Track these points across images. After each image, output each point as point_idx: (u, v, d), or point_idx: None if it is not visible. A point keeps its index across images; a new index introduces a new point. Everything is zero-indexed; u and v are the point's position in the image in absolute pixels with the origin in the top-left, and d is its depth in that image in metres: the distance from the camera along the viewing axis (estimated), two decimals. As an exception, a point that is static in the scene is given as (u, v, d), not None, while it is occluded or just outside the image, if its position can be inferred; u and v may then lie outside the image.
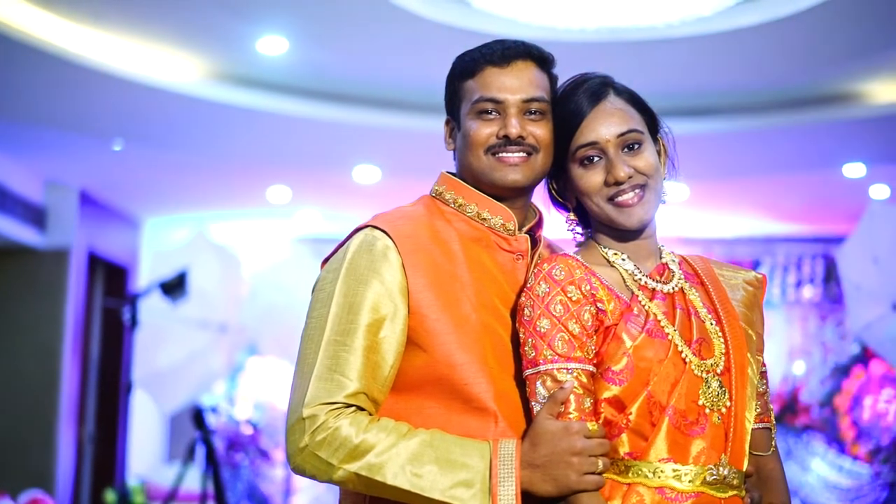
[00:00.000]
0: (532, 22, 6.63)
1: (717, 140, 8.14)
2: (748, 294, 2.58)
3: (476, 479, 2.27)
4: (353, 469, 2.29)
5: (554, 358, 2.32)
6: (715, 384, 2.37)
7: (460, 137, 2.57)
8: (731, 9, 6.49)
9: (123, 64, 6.90)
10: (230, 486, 10.14)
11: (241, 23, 6.48)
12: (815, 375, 11.56)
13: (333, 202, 10.09)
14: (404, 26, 6.47)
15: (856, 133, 7.98)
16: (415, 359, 2.40)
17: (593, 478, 2.27)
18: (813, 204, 10.21)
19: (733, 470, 2.36)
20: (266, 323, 7.62)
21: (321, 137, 8.22)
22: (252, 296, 7.75)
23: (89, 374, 9.98)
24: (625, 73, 2.75)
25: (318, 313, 2.44)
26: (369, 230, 2.47)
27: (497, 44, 2.56)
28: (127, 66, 6.92)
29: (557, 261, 2.40)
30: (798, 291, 11.77)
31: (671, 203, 7.76)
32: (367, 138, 8.15)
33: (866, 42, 6.78)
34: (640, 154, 2.45)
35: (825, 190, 9.61)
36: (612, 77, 2.54)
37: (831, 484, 10.73)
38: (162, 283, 6.83)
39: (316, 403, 2.33)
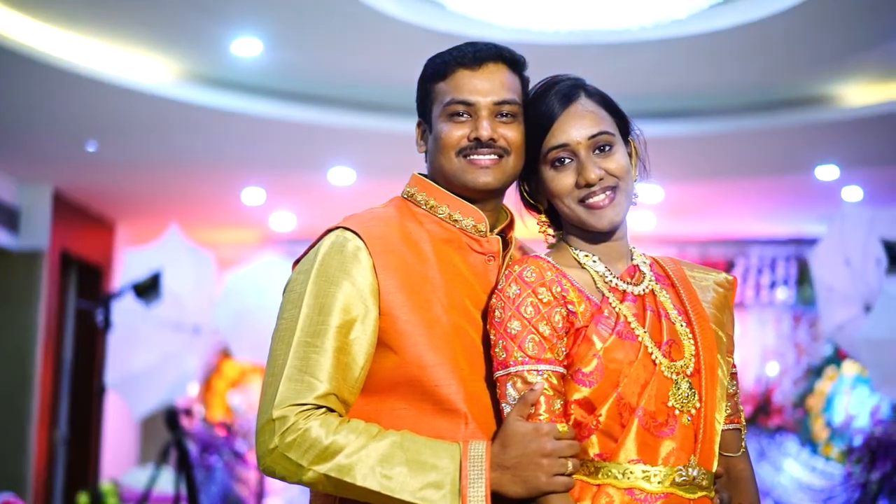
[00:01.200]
0: (506, 24, 6.64)
1: (691, 142, 8.16)
2: (719, 295, 2.59)
3: (446, 480, 2.27)
4: (323, 470, 2.29)
5: (524, 359, 2.33)
6: (685, 386, 2.38)
7: (432, 139, 2.57)
8: (705, 12, 6.51)
9: (97, 65, 6.88)
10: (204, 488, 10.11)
11: (215, 24, 6.47)
12: (788, 377, 11.62)
13: (308, 204, 10.08)
14: (379, 28, 6.47)
15: (828, 136, 8.03)
16: (385, 360, 2.40)
17: (563, 479, 2.27)
18: (786, 206, 10.26)
19: (702, 471, 2.36)
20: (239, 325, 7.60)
21: (296, 139, 8.21)
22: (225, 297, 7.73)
23: (62, 377, 9.93)
24: (599, 76, 2.76)
25: (288, 314, 2.43)
26: (340, 231, 2.47)
27: (468, 46, 2.56)
28: (101, 67, 6.90)
29: (528, 262, 2.41)
30: (771, 293, 11.82)
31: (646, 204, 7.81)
32: (342, 140, 8.15)
33: (839, 45, 6.82)
34: (611, 156, 2.45)
35: (798, 192, 9.66)
36: (584, 79, 2.54)
37: (804, 484, 10.78)
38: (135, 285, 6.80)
39: (286, 405, 2.33)
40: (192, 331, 7.03)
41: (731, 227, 11.22)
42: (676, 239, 11.50)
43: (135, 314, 6.96)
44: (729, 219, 10.86)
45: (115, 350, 6.95)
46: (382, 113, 7.67)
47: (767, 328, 11.85)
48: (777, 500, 10.76)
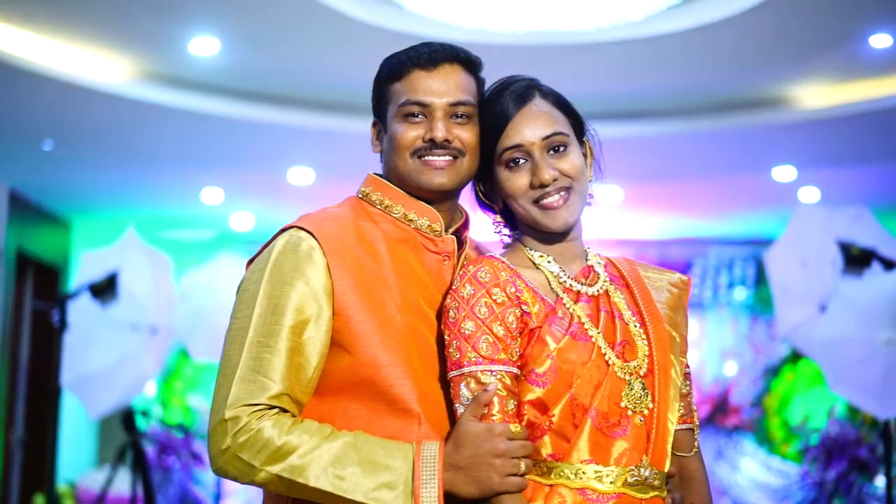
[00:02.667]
0: (463, 25, 6.65)
1: (650, 143, 8.20)
2: (673, 296, 2.60)
3: (399, 480, 2.27)
4: (276, 471, 2.28)
5: (478, 360, 2.33)
6: (638, 386, 2.39)
7: (387, 140, 2.57)
8: (662, 13, 6.54)
9: (54, 64, 6.83)
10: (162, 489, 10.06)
11: (173, 23, 6.44)
12: (745, 376, 11.68)
13: (267, 204, 10.05)
14: (337, 28, 6.46)
15: (785, 137, 8.08)
16: (339, 360, 2.40)
17: (515, 479, 2.28)
18: (744, 206, 10.32)
19: (654, 471, 2.37)
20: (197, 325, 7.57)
21: (254, 139, 8.18)
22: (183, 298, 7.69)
23: (18, 378, 9.85)
24: (556, 77, 2.77)
25: (241, 314, 2.42)
26: (294, 231, 2.46)
27: (424, 46, 2.56)
28: (57, 66, 6.85)
29: (483, 263, 2.41)
30: (729, 293, 11.88)
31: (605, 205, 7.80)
32: (301, 140, 8.13)
33: (795, 47, 6.87)
34: (566, 157, 2.46)
35: (756, 193, 9.71)
36: (539, 80, 2.55)
37: (761, 483, 10.85)
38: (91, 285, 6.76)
39: (238, 405, 2.32)
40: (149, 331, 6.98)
41: (690, 227, 11.27)
42: (636, 239, 11.54)
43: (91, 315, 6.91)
44: (687, 219, 10.91)
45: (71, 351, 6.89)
46: (340, 113, 7.67)
47: (725, 328, 11.91)
48: (734, 499, 10.82)
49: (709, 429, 11.18)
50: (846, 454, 9.37)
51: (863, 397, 6.18)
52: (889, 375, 5.96)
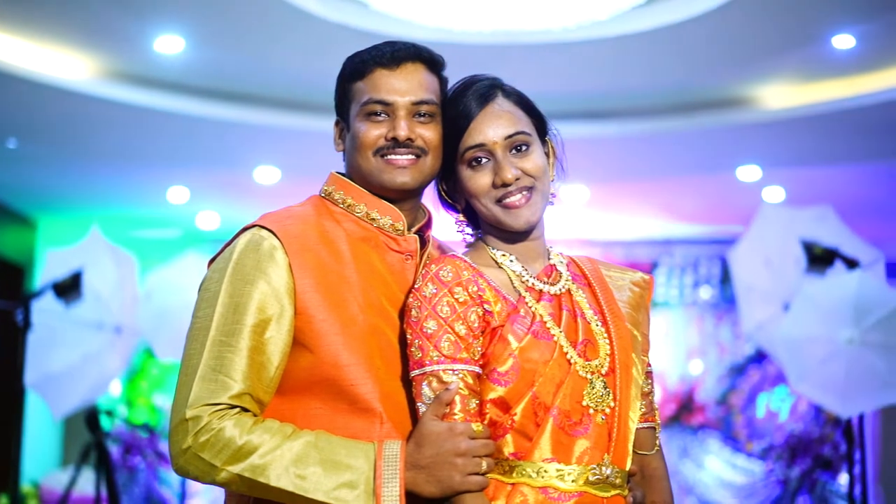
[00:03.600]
0: (429, 24, 6.65)
1: (615, 143, 8.22)
2: (635, 295, 2.61)
3: (360, 480, 2.27)
4: (237, 471, 2.28)
5: (440, 359, 2.33)
6: (599, 385, 2.39)
7: (349, 139, 2.56)
8: (627, 13, 6.57)
9: (18, 62, 6.79)
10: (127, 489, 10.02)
11: (138, 22, 6.42)
12: (711, 375, 11.73)
13: (233, 203, 10.02)
14: (302, 26, 6.45)
15: (750, 137, 8.12)
16: (301, 359, 2.39)
17: (477, 478, 2.28)
18: (709, 206, 10.36)
19: (616, 469, 2.38)
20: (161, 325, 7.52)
21: (220, 138, 8.16)
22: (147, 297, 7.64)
23: (-19, 377, 9.78)
24: (522, 76, 2.77)
25: (203, 313, 2.42)
26: (256, 230, 2.46)
27: (387, 45, 2.56)
28: (22, 63, 6.81)
29: (445, 262, 2.41)
30: (695, 292, 11.92)
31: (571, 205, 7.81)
32: (266, 138, 8.11)
33: (759, 47, 6.91)
34: (528, 156, 2.46)
35: (720, 192, 9.75)
36: (502, 79, 2.55)
37: (726, 481, 10.89)
38: (55, 284, 6.71)
39: (199, 404, 2.31)
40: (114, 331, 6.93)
41: (656, 227, 11.31)
42: (602, 239, 11.57)
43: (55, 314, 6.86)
44: (653, 219, 10.94)
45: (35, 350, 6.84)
46: (305, 111, 7.66)
47: (691, 327, 11.95)
48: (699, 497, 10.87)
49: (674, 427, 11.22)
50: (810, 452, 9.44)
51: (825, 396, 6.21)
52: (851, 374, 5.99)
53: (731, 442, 11.33)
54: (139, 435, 10.41)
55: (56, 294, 6.74)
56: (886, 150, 8.33)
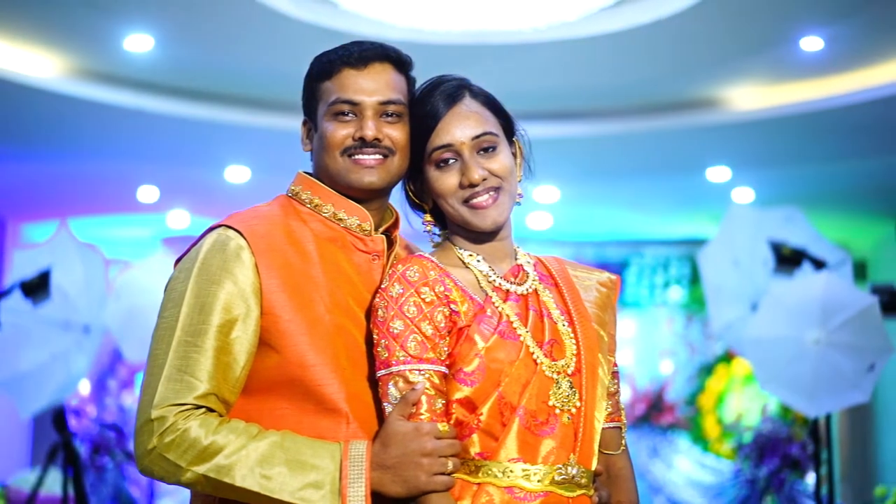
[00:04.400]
0: (399, 24, 6.65)
1: (585, 143, 8.24)
2: (601, 295, 2.61)
3: (326, 480, 2.27)
4: (202, 471, 2.27)
5: (406, 359, 2.33)
6: (565, 385, 2.40)
7: (317, 138, 2.56)
8: (596, 15, 6.59)
9: (-15, 60, 6.77)
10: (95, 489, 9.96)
11: (107, 20, 6.39)
12: (681, 375, 11.78)
13: (203, 202, 9.99)
14: (272, 26, 6.45)
15: (719, 138, 8.16)
16: (267, 360, 2.39)
17: (443, 478, 2.28)
18: (679, 207, 10.40)
19: (582, 469, 2.39)
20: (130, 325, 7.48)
21: (190, 136, 8.14)
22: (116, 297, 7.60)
23: (-51, 377, 9.70)
24: (492, 76, 2.78)
25: (169, 313, 2.41)
26: (222, 230, 2.45)
27: (354, 45, 2.56)
28: (-11, 61, 6.79)
29: (412, 262, 2.41)
30: (665, 292, 11.97)
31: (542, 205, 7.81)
32: (236, 137, 8.09)
33: (728, 49, 6.94)
34: (495, 156, 2.46)
35: (690, 193, 9.79)
36: (470, 80, 2.55)
37: (694, 481, 10.94)
38: (23, 283, 6.67)
39: (165, 405, 2.31)
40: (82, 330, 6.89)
41: (627, 227, 11.35)
42: (573, 239, 11.59)
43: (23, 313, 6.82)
44: (624, 219, 10.98)
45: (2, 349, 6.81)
46: (275, 111, 7.65)
47: (661, 327, 12.01)
48: (668, 497, 10.90)
49: (644, 427, 11.27)
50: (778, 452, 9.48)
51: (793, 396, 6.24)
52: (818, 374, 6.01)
53: (700, 442, 11.39)
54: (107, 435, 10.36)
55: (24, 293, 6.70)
56: (854, 150, 8.38)
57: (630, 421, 11.12)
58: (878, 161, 8.61)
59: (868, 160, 8.60)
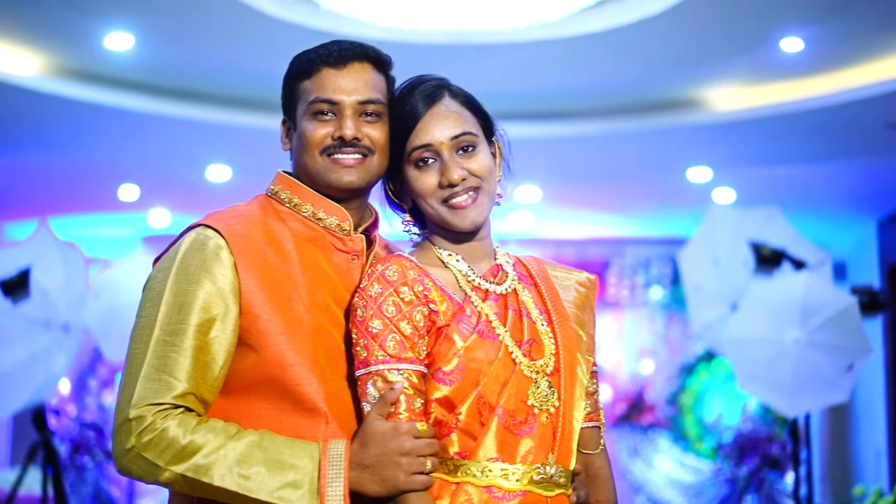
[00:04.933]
0: (379, 23, 6.65)
1: (567, 143, 8.25)
2: (580, 295, 2.62)
3: (304, 479, 2.27)
4: (180, 470, 2.27)
5: (385, 358, 2.33)
6: (544, 384, 2.40)
7: (296, 138, 2.56)
8: (577, 15, 6.60)
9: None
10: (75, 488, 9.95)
11: (87, 18, 6.37)
12: (661, 374, 11.80)
13: (184, 201, 9.97)
14: (252, 25, 6.44)
15: (699, 138, 8.18)
16: (246, 359, 2.39)
17: (421, 478, 2.29)
18: (660, 207, 10.41)
19: (560, 469, 2.39)
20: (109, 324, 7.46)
21: (171, 135, 8.12)
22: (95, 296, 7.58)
23: (-72, 376, 9.66)
24: (472, 76, 2.78)
25: (147, 312, 2.41)
26: (201, 229, 2.45)
27: (334, 45, 2.56)
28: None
29: (391, 261, 2.41)
30: (646, 292, 11.99)
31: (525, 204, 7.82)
32: (217, 136, 8.08)
33: (708, 50, 6.96)
34: (474, 156, 2.47)
35: (671, 194, 9.81)
36: (449, 80, 2.56)
37: (675, 480, 10.96)
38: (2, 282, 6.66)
39: (143, 404, 2.31)
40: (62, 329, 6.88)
41: (608, 227, 11.36)
42: (554, 239, 11.60)
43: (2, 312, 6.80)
44: (605, 219, 10.99)
45: (-19, 349, 6.79)
46: (256, 110, 7.64)
47: (642, 327, 12.02)
48: (649, 496, 10.93)
49: (624, 426, 11.29)
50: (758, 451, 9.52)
51: (772, 396, 6.27)
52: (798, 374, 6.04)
53: (680, 441, 11.41)
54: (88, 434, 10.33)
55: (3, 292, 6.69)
56: (834, 151, 8.41)
57: (611, 420, 11.14)
58: (858, 162, 8.65)
59: (848, 161, 8.63)
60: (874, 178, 9.13)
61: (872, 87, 7.15)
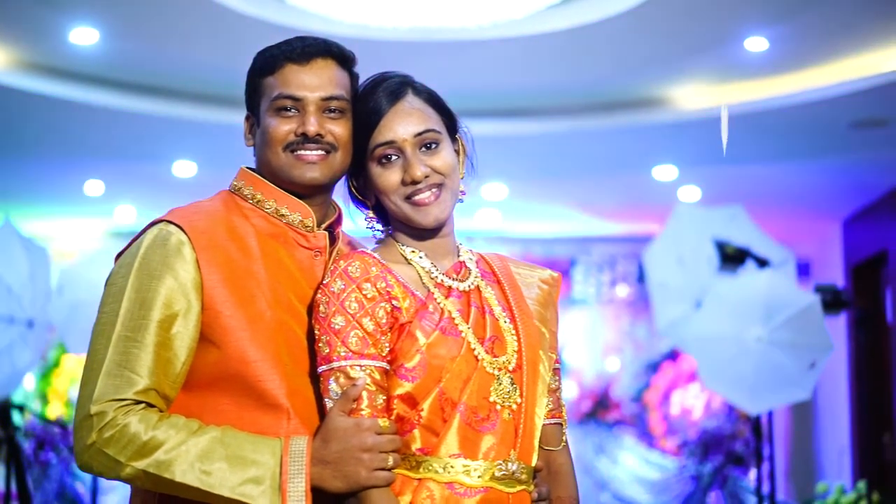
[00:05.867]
0: (345, 20, 6.65)
1: (533, 141, 8.27)
2: (543, 292, 2.63)
3: (266, 475, 2.27)
4: (141, 466, 2.27)
5: (347, 355, 2.33)
6: (506, 381, 2.41)
7: (259, 134, 2.56)
8: (542, 13, 6.61)
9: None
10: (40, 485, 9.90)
11: (52, 12, 6.34)
12: (627, 372, 11.85)
13: (150, 196, 9.94)
14: (219, 20, 6.43)
15: (665, 137, 8.21)
16: (208, 355, 2.39)
17: (383, 474, 2.29)
18: (626, 205, 10.45)
19: (522, 465, 2.40)
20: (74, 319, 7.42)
21: (137, 131, 8.09)
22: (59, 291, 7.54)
23: None
24: (438, 73, 2.79)
25: (109, 308, 2.40)
26: (163, 225, 2.45)
27: (298, 41, 2.56)
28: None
29: (354, 258, 2.41)
30: (612, 290, 12.03)
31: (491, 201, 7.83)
32: (183, 132, 8.06)
33: (673, 48, 6.99)
34: (438, 153, 2.47)
35: (637, 191, 9.84)
36: (413, 77, 2.56)
37: (640, 477, 11.01)
38: (-34, 278, 6.62)
39: (104, 400, 2.30)
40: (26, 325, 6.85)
41: (574, 225, 11.39)
42: (520, 237, 11.63)
43: (-34, 308, 6.76)
44: (571, 217, 11.02)
45: (-56, 344, 6.74)
46: (221, 105, 7.62)
47: (607, 324, 12.07)
48: (614, 493, 10.96)
49: (590, 423, 11.33)
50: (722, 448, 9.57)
51: (735, 393, 6.30)
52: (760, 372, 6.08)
53: (645, 438, 11.46)
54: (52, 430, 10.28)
55: (-33, 287, 6.65)
56: (799, 151, 8.47)
57: (576, 417, 11.19)
58: (822, 161, 8.70)
59: (813, 160, 8.69)
60: (838, 178, 9.19)
61: (837, 86, 7.20)
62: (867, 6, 6.34)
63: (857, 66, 7.12)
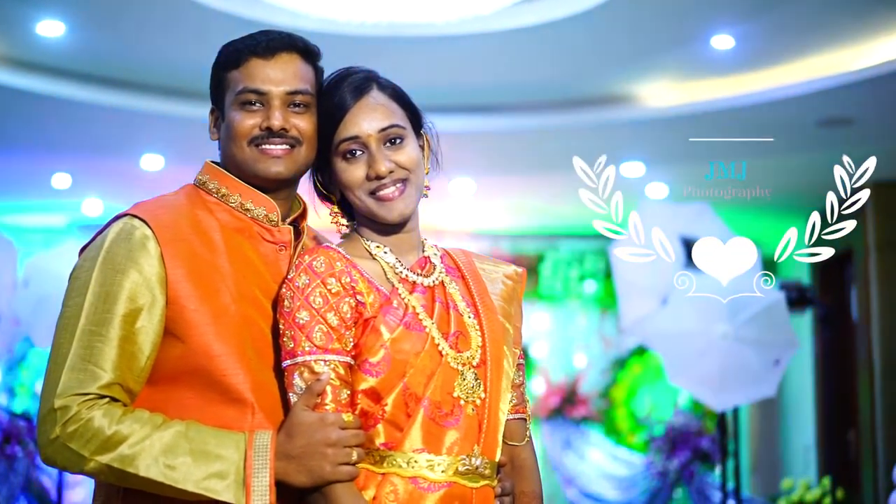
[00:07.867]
0: (312, 14, 6.64)
1: (500, 137, 8.28)
2: (507, 288, 2.64)
3: (230, 470, 2.27)
4: (105, 461, 2.26)
5: (312, 350, 2.34)
6: (470, 376, 2.42)
7: (224, 128, 2.56)
8: (509, 9, 6.63)
9: None
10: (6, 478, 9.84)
11: (18, 4, 6.30)
12: (594, 368, 11.88)
13: (117, 190, 9.90)
14: (186, 14, 6.41)
15: (632, 133, 8.23)
16: (172, 349, 2.38)
17: (347, 468, 2.30)
18: (594, 201, 10.45)
19: (485, 460, 2.41)
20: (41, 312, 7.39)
21: (104, 124, 8.05)
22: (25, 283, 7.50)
23: None
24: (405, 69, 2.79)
25: (73, 302, 2.40)
26: (128, 219, 2.44)
27: (262, 35, 2.56)
28: None
29: (318, 253, 2.42)
30: (580, 286, 12.05)
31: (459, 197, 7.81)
32: (150, 125, 8.03)
33: (640, 46, 7.02)
34: (402, 149, 2.48)
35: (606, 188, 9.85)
36: (378, 72, 2.56)
37: (607, 473, 11.04)
38: (-69, 271, 6.59)
39: (68, 394, 2.30)
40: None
41: (543, 221, 11.40)
42: (489, 233, 11.63)
43: (-69, 301, 6.74)
44: (539, 213, 11.04)
45: None
46: (189, 99, 7.60)
47: (575, 321, 12.09)
48: (580, 489, 10.99)
49: (557, 419, 11.35)
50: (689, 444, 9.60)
51: (700, 390, 6.33)
52: (726, 369, 6.11)
53: (612, 434, 11.50)
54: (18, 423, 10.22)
55: (-69, 281, 6.61)
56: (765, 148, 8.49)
57: (543, 413, 11.21)
58: (788, 159, 8.74)
59: (778, 158, 8.72)
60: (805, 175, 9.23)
61: (803, 84, 7.24)
62: (833, 5, 6.38)
63: (823, 65, 7.16)
